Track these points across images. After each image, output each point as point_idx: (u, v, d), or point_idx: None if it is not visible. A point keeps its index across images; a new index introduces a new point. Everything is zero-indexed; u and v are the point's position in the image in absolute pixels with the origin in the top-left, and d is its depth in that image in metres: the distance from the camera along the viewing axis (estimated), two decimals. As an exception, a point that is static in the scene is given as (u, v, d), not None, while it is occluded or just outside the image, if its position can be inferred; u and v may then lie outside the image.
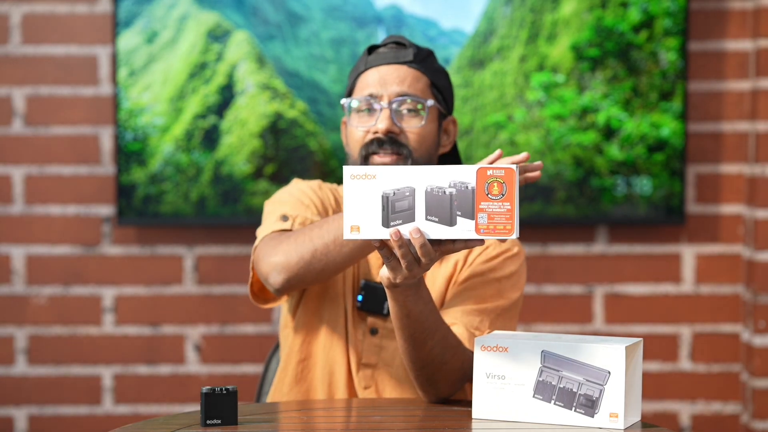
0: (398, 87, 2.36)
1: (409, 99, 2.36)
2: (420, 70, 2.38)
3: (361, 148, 2.36)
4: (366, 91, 2.37)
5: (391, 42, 2.40)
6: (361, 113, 2.37)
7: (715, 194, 3.57)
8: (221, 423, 2.06)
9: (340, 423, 2.21)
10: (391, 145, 2.34)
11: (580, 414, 2.03)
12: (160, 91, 3.51)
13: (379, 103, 2.35)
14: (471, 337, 2.31)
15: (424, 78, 2.38)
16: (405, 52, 2.38)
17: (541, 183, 3.51)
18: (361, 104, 2.37)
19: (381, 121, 2.34)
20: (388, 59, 2.38)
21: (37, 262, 3.57)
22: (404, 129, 2.36)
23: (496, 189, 1.95)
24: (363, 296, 2.40)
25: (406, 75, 2.37)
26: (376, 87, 2.36)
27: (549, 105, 3.50)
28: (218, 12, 3.51)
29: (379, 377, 2.40)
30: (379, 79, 2.36)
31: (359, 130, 2.37)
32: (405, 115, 2.36)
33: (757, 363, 3.51)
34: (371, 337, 2.40)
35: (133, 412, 3.58)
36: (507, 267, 2.41)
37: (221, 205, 3.52)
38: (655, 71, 3.50)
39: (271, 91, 3.51)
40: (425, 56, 2.40)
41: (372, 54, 2.40)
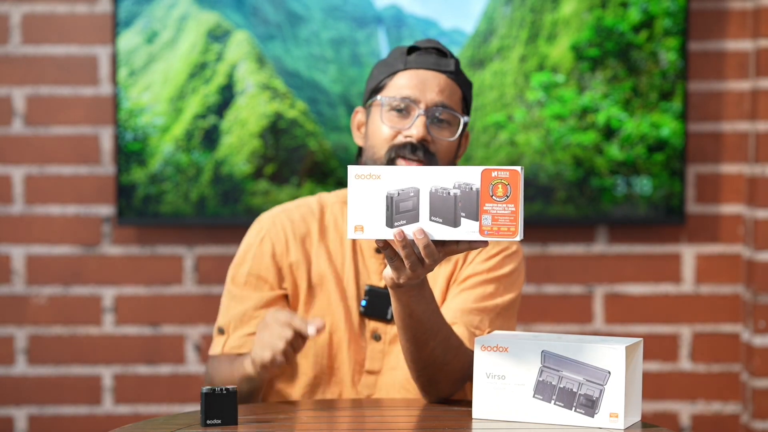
0: (438, 96, 2.35)
1: (446, 111, 2.36)
2: (457, 83, 2.38)
3: (390, 148, 2.35)
4: (403, 92, 2.35)
5: (431, 47, 2.39)
6: (394, 112, 2.36)
7: (715, 194, 3.57)
8: (221, 423, 2.06)
9: (340, 423, 2.21)
10: (423, 153, 2.34)
11: (580, 414, 2.03)
12: (160, 91, 3.51)
13: (417, 107, 2.35)
14: (471, 337, 2.31)
15: (459, 91, 2.39)
16: (447, 62, 2.37)
17: (541, 183, 3.52)
18: (398, 103, 2.36)
19: (416, 127, 2.33)
20: (430, 65, 2.37)
21: (37, 262, 3.57)
22: (435, 139, 2.35)
23: (501, 191, 1.95)
24: (367, 301, 2.39)
25: (445, 85, 2.36)
26: (415, 91, 2.35)
27: (549, 105, 3.50)
28: (218, 12, 3.51)
29: (383, 384, 2.39)
30: (418, 83, 2.35)
31: (390, 129, 2.36)
32: (438, 125, 2.36)
33: (757, 363, 3.51)
34: (375, 343, 2.40)
35: (133, 412, 3.59)
36: (506, 265, 2.41)
37: (221, 205, 3.52)
38: (655, 71, 3.50)
39: (271, 91, 3.51)
40: (460, 68, 2.41)
41: (411, 54, 2.38)
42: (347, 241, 2.42)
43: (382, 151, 2.36)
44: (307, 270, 2.42)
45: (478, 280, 2.37)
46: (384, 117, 2.36)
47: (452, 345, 2.23)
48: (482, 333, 2.33)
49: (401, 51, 2.39)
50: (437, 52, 2.39)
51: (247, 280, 2.43)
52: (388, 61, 2.40)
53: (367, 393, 2.38)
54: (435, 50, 2.39)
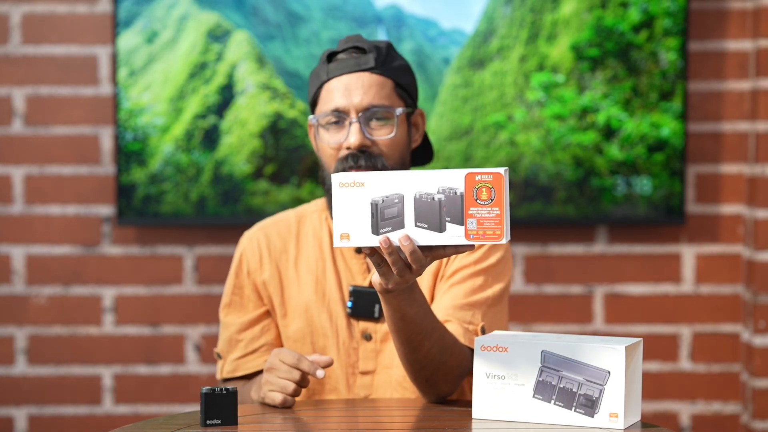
0: (364, 98, 2.32)
1: (377, 110, 2.33)
2: (383, 75, 2.35)
3: (336, 163, 2.34)
4: (331, 105, 2.34)
5: (349, 47, 2.36)
6: (330, 126, 2.35)
7: (715, 194, 3.57)
8: (221, 423, 2.06)
9: (340, 423, 2.21)
10: (365, 159, 2.32)
11: (580, 414, 2.03)
12: (160, 91, 3.51)
13: (347, 116, 2.33)
14: (466, 333, 2.30)
15: (389, 82, 2.35)
16: (366, 58, 2.34)
17: (541, 183, 3.52)
18: (329, 118, 2.34)
19: (353, 136, 2.32)
20: (349, 67, 2.34)
21: (37, 262, 3.57)
22: (376, 140, 2.33)
23: (485, 194, 1.95)
24: (353, 302, 2.39)
25: (370, 84, 2.33)
26: (341, 100, 2.33)
27: (549, 105, 3.50)
28: (218, 12, 3.51)
29: (379, 383, 2.39)
30: (343, 91, 2.33)
31: (331, 146, 2.35)
32: (375, 126, 2.34)
33: (757, 363, 3.51)
34: (366, 343, 2.40)
35: (133, 412, 3.59)
36: (492, 256, 2.40)
37: (221, 205, 3.52)
38: (655, 71, 3.50)
39: (271, 91, 3.51)
40: (385, 57, 2.36)
41: (332, 62, 2.35)
42: (326, 247, 2.43)
43: (331, 168, 2.36)
44: (279, 287, 2.44)
45: (466, 274, 2.37)
46: (322, 135, 2.36)
47: (447, 343, 2.23)
48: (476, 327, 2.33)
49: (323, 59, 2.37)
50: (356, 51, 2.35)
51: (231, 301, 2.48)
52: (316, 70, 2.39)
53: (365, 394, 2.38)
54: (354, 49, 2.35)
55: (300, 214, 2.49)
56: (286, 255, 2.44)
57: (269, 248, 2.45)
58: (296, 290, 2.43)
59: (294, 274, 2.43)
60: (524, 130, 3.51)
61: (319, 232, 2.44)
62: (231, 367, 2.45)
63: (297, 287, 2.43)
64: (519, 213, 3.51)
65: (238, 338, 2.45)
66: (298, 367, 2.20)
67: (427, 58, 3.50)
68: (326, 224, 2.45)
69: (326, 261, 2.42)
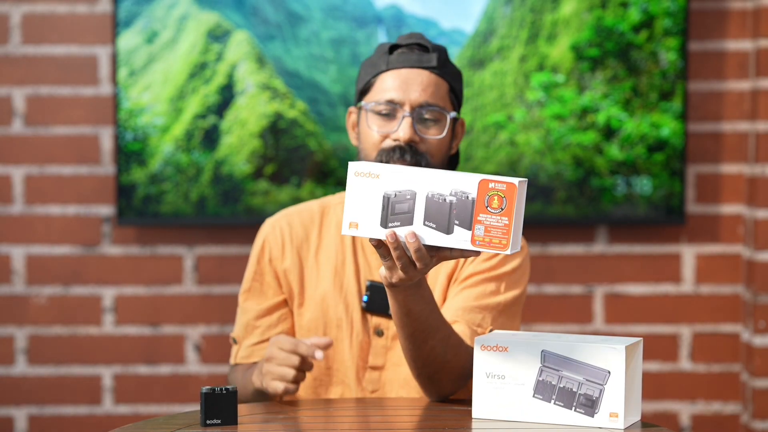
0: (421, 95, 2.34)
1: (432, 109, 2.35)
2: (441, 76, 2.36)
3: (379, 152, 2.35)
4: (387, 95, 2.34)
5: (412, 42, 2.37)
6: (380, 116, 2.36)
7: (715, 194, 3.57)
8: (221, 423, 2.06)
9: (340, 423, 2.21)
10: (411, 154, 2.33)
11: (580, 414, 2.03)
12: (160, 91, 3.51)
13: (401, 110, 2.34)
14: (473, 335, 2.30)
15: (445, 84, 2.37)
16: (428, 57, 2.35)
17: (541, 183, 3.52)
18: (382, 108, 2.35)
19: (403, 130, 2.33)
20: (411, 62, 2.35)
21: (37, 262, 3.57)
22: (424, 138, 2.35)
23: (496, 202, 1.94)
24: (369, 296, 2.40)
25: (429, 82, 2.34)
26: (398, 92, 2.34)
27: (549, 105, 3.50)
28: (218, 12, 3.51)
29: (386, 379, 2.39)
30: (401, 84, 2.34)
31: (377, 133, 2.36)
32: (425, 124, 2.35)
33: (757, 363, 3.51)
34: (378, 338, 2.40)
35: (133, 412, 3.59)
36: (509, 263, 2.40)
37: (221, 205, 3.52)
38: (655, 71, 3.50)
39: (271, 91, 3.51)
40: (445, 59, 2.38)
41: (393, 54, 2.36)
42: (347, 238, 2.44)
43: (372, 155, 2.36)
44: (299, 276, 2.44)
45: (479, 279, 2.37)
46: (371, 122, 2.36)
47: (452, 343, 2.23)
48: (484, 331, 2.33)
49: (384, 49, 2.38)
50: (419, 48, 2.36)
51: (251, 286, 2.47)
52: (372, 60, 2.39)
53: (372, 389, 2.39)
54: (417, 46, 2.37)
55: (324, 204, 2.49)
56: (307, 244, 2.45)
57: (291, 236, 2.45)
58: (315, 280, 2.44)
59: (314, 264, 2.44)
60: (524, 130, 3.51)
61: (341, 224, 2.44)
62: (246, 353, 2.45)
63: (316, 277, 2.44)
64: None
65: (255, 324, 2.45)
66: (296, 351, 2.20)
67: (427, 58, 3.50)
68: None
69: (347, 253, 2.43)
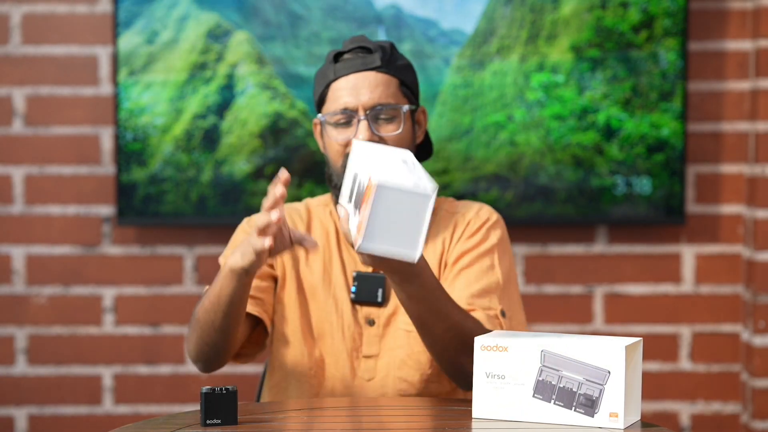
0: (371, 97, 2.38)
1: (384, 108, 2.39)
2: (388, 74, 2.40)
3: (343, 159, 2.39)
4: (339, 103, 2.39)
5: (355, 47, 2.41)
6: (338, 125, 2.40)
7: (715, 194, 3.57)
8: (221, 423, 2.06)
9: (339, 422, 2.21)
10: None
11: (580, 414, 2.03)
12: (160, 91, 3.51)
13: (356, 115, 2.38)
14: (489, 319, 2.36)
15: (394, 80, 2.41)
16: (372, 58, 2.39)
17: (541, 183, 3.52)
18: (338, 117, 2.39)
19: (361, 133, 2.37)
20: (356, 67, 2.39)
21: (37, 262, 3.57)
22: (383, 136, 2.39)
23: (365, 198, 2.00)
24: (356, 287, 2.42)
25: (377, 83, 2.39)
26: (349, 99, 2.38)
27: (549, 105, 3.50)
28: (218, 12, 3.51)
29: (382, 366, 2.42)
30: (350, 90, 2.38)
31: (339, 142, 2.40)
32: (382, 123, 2.39)
33: (757, 363, 3.51)
34: (369, 328, 2.42)
35: (133, 412, 3.59)
36: (492, 236, 2.45)
37: (221, 205, 3.52)
38: (655, 71, 3.50)
39: (271, 91, 3.51)
40: (390, 56, 2.42)
41: (339, 62, 2.41)
42: (332, 237, 2.47)
43: (338, 163, 2.41)
44: (294, 265, 2.45)
45: (473, 256, 2.42)
46: (330, 133, 2.41)
47: (468, 328, 2.26)
48: (496, 312, 2.37)
49: (330, 58, 2.43)
50: (362, 51, 2.41)
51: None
52: (322, 70, 2.44)
53: (368, 377, 2.41)
54: (360, 49, 2.41)
55: (307, 206, 2.54)
56: None
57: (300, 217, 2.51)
58: (307, 270, 2.45)
59: (304, 256, 2.47)
60: (524, 130, 3.51)
61: (326, 225, 2.49)
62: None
63: (307, 268, 2.46)
64: (519, 213, 3.51)
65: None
66: (257, 225, 2.14)
67: (427, 58, 3.50)
68: (332, 218, 2.49)
69: (332, 250, 2.46)
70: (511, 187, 3.51)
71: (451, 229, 2.46)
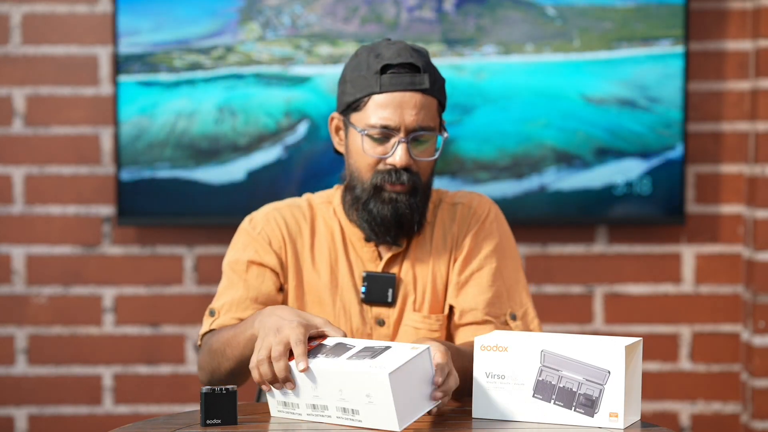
0: (415, 119, 2.35)
1: (425, 133, 2.36)
2: (432, 95, 2.38)
3: (375, 173, 2.37)
4: (381, 120, 2.35)
5: (404, 62, 2.36)
6: (374, 139, 2.37)
7: (715, 194, 3.57)
8: (221, 423, 2.06)
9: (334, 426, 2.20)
10: (407, 176, 2.36)
11: (580, 414, 2.03)
12: (160, 90, 3.51)
13: (396, 134, 2.35)
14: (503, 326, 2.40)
15: (435, 102, 2.39)
16: (420, 78, 2.36)
17: (541, 182, 3.52)
18: (377, 132, 2.35)
19: (398, 155, 2.35)
20: (404, 85, 2.36)
21: (37, 262, 3.57)
22: (418, 161, 2.37)
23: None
24: (366, 287, 2.41)
25: (422, 104, 2.36)
26: (393, 116, 2.35)
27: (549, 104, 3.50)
28: (220, 12, 3.51)
29: None
30: (395, 108, 2.35)
31: (373, 157, 2.37)
32: (419, 146, 2.37)
33: (757, 363, 3.51)
34: (379, 328, 2.42)
35: (133, 412, 3.59)
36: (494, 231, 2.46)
37: (221, 205, 3.52)
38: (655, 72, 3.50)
39: (273, 91, 3.51)
40: (434, 75, 2.39)
41: (385, 74, 2.36)
42: (337, 237, 2.45)
43: (366, 176, 2.39)
44: (297, 271, 2.44)
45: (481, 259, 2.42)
46: (365, 145, 2.37)
47: None
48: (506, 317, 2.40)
49: (374, 69, 2.37)
50: (411, 68, 2.37)
51: (249, 267, 2.43)
52: (363, 73, 2.38)
53: None
54: (408, 66, 2.37)
55: (310, 202, 2.50)
56: (301, 238, 2.45)
57: (288, 230, 2.45)
58: (312, 274, 2.44)
59: (309, 258, 2.45)
60: (524, 130, 3.51)
61: (330, 224, 2.47)
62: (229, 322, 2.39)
63: (313, 271, 2.44)
64: (519, 213, 3.51)
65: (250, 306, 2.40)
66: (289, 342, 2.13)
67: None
68: (336, 217, 2.47)
69: (338, 251, 2.45)
70: (511, 187, 3.51)
71: (456, 220, 2.46)
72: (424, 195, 2.40)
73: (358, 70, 2.39)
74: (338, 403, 2.04)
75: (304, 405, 2.08)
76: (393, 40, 2.44)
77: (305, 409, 2.08)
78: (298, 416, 2.09)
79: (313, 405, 2.08)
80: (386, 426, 1.99)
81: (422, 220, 2.41)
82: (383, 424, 1.99)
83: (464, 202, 2.47)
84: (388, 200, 2.37)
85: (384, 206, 2.37)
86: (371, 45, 2.43)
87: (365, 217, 2.40)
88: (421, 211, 2.39)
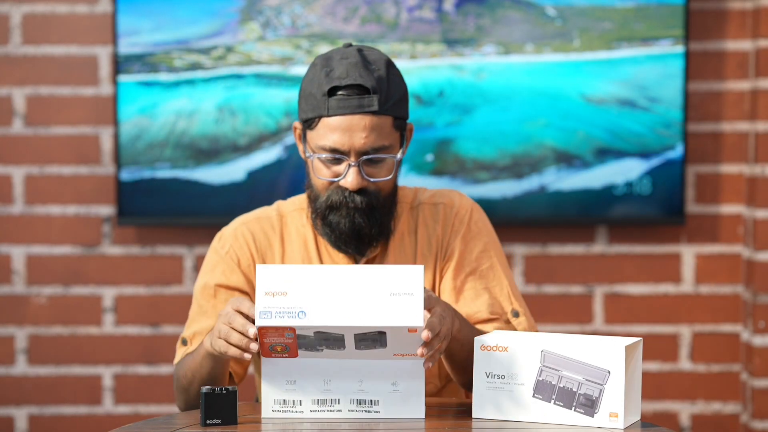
0: (366, 142, 2.28)
1: (377, 155, 2.30)
2: (385, 113, 2.30)
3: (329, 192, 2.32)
4: (330, 142, 2.28)
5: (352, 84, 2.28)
6: (326, 162, 2.31)
7: (715, 194, 3.57)
8: (221, 423, 2.07)
9: (340, 422, 2.20)
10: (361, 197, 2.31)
11: (580, 413, 2.03)
12: (160, 90, 3.51)
13: (347, 158, 2.29)
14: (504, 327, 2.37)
15: (389, 119, 2.31)
16: (369, 100, 2.28)
17: (541, 182, 3.52)
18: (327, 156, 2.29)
19: (350, 179, 2.29)
20: (352, 109, 2.28)
21: (37, 262, 3.57)
22: (372, 181, 2.31)
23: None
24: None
25: (372, 126, 2.28)
26: (341, 141, 2.28)
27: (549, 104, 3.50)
28: (220, 13, 3.51)
29: None
30: (343, 132, 2.28)
31: (325, 179, 2.32)
32: (372, 167, 2.31)
33: (757, 363, 3.51)
34: None
35: (133, 412, 3.59)
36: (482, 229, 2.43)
37: (221, 205, 3.52)
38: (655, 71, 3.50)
39: (273, 91, 3.51)
40: (387, 93, 2.31)
41: (333, 97, 2.29)
42: (310, 244, 2.41)
43: (323, 193, 2.33)
44: None
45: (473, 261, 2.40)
46: (317, 166, 2.32)
47: None
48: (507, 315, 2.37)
49: (323, 89, 2.29)
50: (360, 90, 2.28)
51: (217, 292, 2.40)
52: (314, 92, 2.31)
53: None
54: (357, 88, 2.28)
55: (280, 212, 2.45)
56: (271, 251, 2.41)
57: (256, 245, 2.41)
58: None
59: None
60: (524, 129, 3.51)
61: (302, 231, 2.42)
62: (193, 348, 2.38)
63: None
64: (519, 213, 3.51)
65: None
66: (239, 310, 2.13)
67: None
68: (308, 223, 2.41)
69: (312, 259, 2.41)
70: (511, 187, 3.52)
71: (440, 221, 2.41)
72: (384, 208, 2.34)
73: (311, 86, 2.32)
74: (355, 395, 2.04)
75: (309, 401, 2.08)
76: (350, 48, 2.34)
77: (309, 405, 2.08)
78: (299, 414, 2.09)
79: (320, 400, 2.08)
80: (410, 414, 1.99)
81: (385, 230, 2.36)
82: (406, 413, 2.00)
83: (445, 202, 2.42)
84: (345, 214, 2.31)
85: (342, 220, 2.31)
86: (327, 55, 2.34)
87: (326, 230, 2.35)
88: (381, 223, 2.33)
